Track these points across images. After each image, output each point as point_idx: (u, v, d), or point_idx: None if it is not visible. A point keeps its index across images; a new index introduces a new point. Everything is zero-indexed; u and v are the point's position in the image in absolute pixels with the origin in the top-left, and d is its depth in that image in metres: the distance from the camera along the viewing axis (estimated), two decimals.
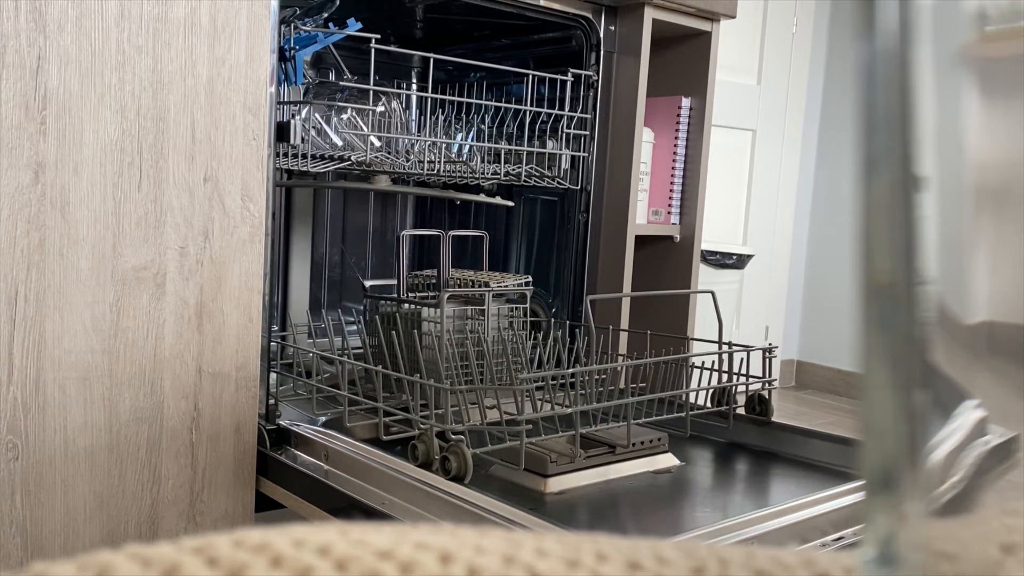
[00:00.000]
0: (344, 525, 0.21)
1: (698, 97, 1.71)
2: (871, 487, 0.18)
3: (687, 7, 1.60)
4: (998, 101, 0.20)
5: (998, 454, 0.23)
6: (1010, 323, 0.20)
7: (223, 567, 0.19)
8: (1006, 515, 0.22)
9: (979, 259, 0.20)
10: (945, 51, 0.18)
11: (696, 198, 1.72)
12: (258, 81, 1.16)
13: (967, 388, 0.20)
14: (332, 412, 1.24)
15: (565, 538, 0.22)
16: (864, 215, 0.18)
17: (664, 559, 0.21)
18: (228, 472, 1.20)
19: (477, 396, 1.08)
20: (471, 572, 0.20)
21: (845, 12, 3.16)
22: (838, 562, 0.23)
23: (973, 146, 0.19)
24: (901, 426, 0.18)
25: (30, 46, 0.98)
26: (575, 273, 1.62)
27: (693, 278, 1.74)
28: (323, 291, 1.75)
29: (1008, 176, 0.20)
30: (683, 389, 1.21)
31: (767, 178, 3.16)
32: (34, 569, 0.18)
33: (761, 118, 3.09)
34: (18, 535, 1.04)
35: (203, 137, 1.13)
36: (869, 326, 0.18)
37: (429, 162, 1.37)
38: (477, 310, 1.39)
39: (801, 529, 0.93)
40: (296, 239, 1.70)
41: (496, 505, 0.91)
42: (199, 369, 1.16)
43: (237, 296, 1.18)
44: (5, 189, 0.99)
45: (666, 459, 1.13)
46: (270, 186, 1.20)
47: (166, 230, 1.11)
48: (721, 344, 1.24)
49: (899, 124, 0.17)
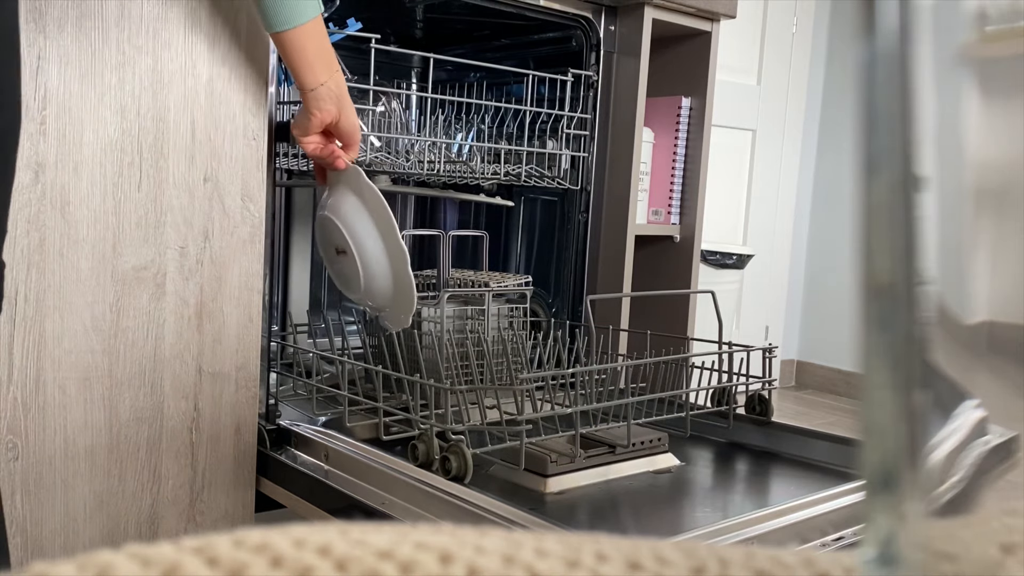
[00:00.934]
0: (344, 525, 0.21)
1: (698, 97, 1.71)
2: (871, 487, 0.18)
3: (687, 7, 1.60)
4: (998, 101, 0.20)
5: (998, 454, 0.23)
6: (1010, 323, 0.20)
7: (223, 567, 0.19)
8: (1006, 515, 0.22)
9: (979, 259, 0.20)
10: (945, 51, 0.18)
11: (696, 198, 1.72)
12: (258, 81, 1.16)
13: (967, 388, 0.20)
14: (332, 412, 1.24)
15: (565, 538, 0.22)
16: (864, 215, 0.18)
17: (664, 559, 0.21)
18: (228, 472, 1.20)
19: (477, 396, 1.08)
20: (471, 572, 0.20)
21: (845, 12, 3.16)
22: (838, 562, 0.23)
23: (973, 146, 0.20)
24: (901, 426, 0.18)
25: (30, 46, 0.98)
26: (575, 273, 1.62)
27: (693, 278, 1.74)
28: (323, 291, 1.75)
29: (1008, 176, 0.20)
30: (683, 389, 1.21)
31: (767, 178, 3.16)
32: (34, 569, 0.18)
33: (761, 118, 3.09)
34: (18, 535, 1.04)
35: (203, 137, 1.13)
36: (869, 326, 0.18)
37: (429, 162, 1.37)
38: (477, 310, 1.39)
39: (801, 529, 0.93)
40: (296, 239, 1.70)
41: (496, 505, 0.91)
42: (199, 369, 1.16)
43: (237, 296, 1.18)
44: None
45: (666, 459, 1.13)
46: (270, 186, 1.20)
47: (166, 230, 1.11)
48: (721, 344, 1.24)
49: (899, 124, 0.17)
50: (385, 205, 1.16)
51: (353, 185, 1.19)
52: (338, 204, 1.20)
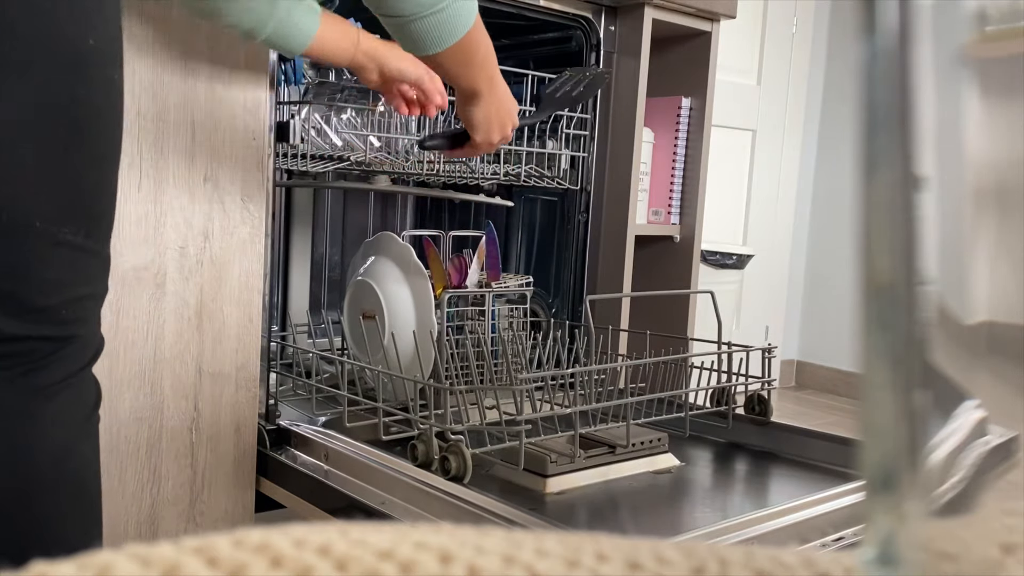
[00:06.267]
0: (344, 525, 0.21)
1: (698, 97, 1.71)
2: (871, 487, 0.18)
3: (687, 7, 1.60)
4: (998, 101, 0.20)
5: (998, 454, 0.23)
6: (1010, 323, 0.20)
7: (223, 567, 0.19)
8: (1006, 515, 0.22)
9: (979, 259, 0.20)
10: (945, 51, 0.18)
11: (696, 198, 1.72)
12: (258, 81, 1.16)
13: (967, 388, 0.20)
14: (332, 412, 1.24)
15: (565, 538, 0.22)
16: (864, 215, 0.18)
17: (664, 559, 0.21)
18: (228, 472, 1.20)
19: (477, 396, 1.08)
20: (471, 572, 0.20)
21: (845, 12, 3.16)
22: (838, 562, 0.23)
23: (973, 146, 0.20)
24: (901, 426, 0.18)
25: None
26: (575, 273, 1.62)
27: (693, 278, 1.74)
28: (323, 291, 1.75)
29: (1008, 176, 0.20)
30: (683, 389, 1.21)
31: (767, 178, 3.15)
32: (34, 569, 0.18)
33: (761, 118, 3.09)
34: None
35: (203, 137, 1.13)
36: (869, 326, 0.18)
37: (429, 162, 1.37)
38: (477, 310, 1.39)
39: (801, 529, 0.93)
40: (296, 239, 1.70)
41: (496, 505, 0.91)
42: (199, 369, 1.16)
43: (237, 296, 1.18)
44: None
45: (666, 459, 1.13)
46: (270, 186, 1.20)
47: (166, 230, 1.11)
48: (720, 344, 1.24)
49: (899, 124, 0.17)
50: (427, 280, 1.24)
51: (396, 257, 1.28)
52: (377, 271, 1.28)
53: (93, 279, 0.78)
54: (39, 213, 0.71)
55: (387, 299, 1.25)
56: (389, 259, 1.29)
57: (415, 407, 1.09)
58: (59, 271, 0.74)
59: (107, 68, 0.74)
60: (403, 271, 1.27)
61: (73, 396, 0.78)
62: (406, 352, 1.23)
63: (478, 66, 0.98)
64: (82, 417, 0.80)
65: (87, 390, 0.80)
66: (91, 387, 0.81)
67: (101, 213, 0.78)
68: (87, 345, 0.79)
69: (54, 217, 0.72)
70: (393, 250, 1.30)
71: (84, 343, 0.78)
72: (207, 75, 1.12)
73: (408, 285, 1.26)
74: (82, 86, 0.72)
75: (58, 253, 0.73)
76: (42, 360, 0.75)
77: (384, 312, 1.25)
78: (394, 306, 1.25)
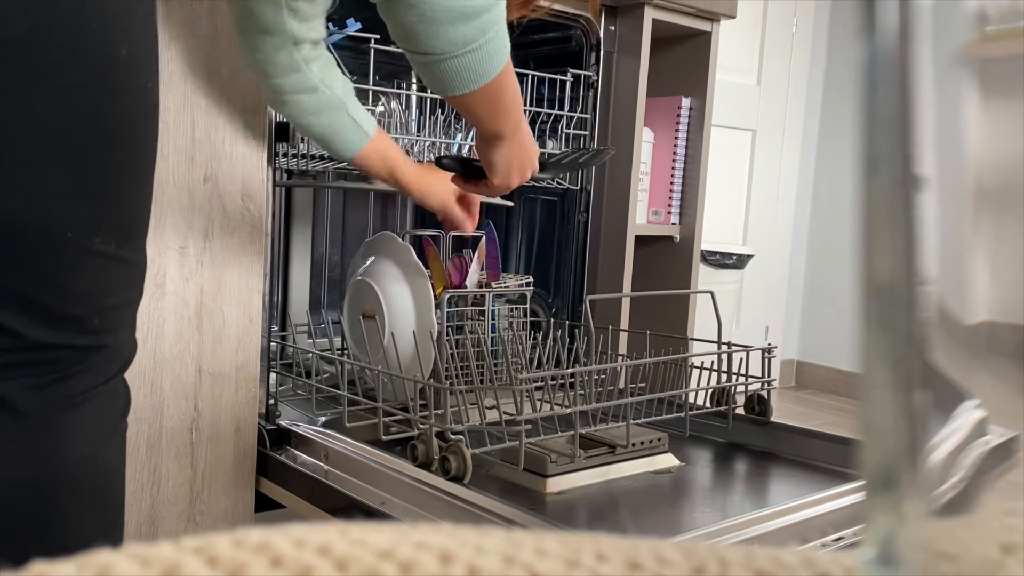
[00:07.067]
0: (344, 525, 0.21)
1: (698, 97, 1.71)
2: (871, 487, 0.18)
3: (687, 7, 1.60)
4: (998, 101, 0.20)
5: (998, 454, 0.23)
6: (1010, 323, 0.20)
7: (223, 567, 0.19)
8: (1006, 515, 0.22)
9: (979, 259, 0.20)
10: (945, 51, 0.18)
11: (696, 198, 1.72)
12: (258, 81, 1.16)
13: (967, 388, 0.20)
14: (332, 412, 1.24)
15: (565, 538, 0.22)
16: (864, 215, 0.18)
17: (664, 559, 0.21)
18: (228, 472, 1.20)
19: (476, 396, 1.08)
20: (471, 572, 0.20)
21: (845, 12, 3.16)
22: (838, 562, 0.23)
23: (973, 146, 0.20)
24: (901, 426, 0.18)
25: None
26: (575, 273, 1.62)
27: (693, 278, 1.74)
28: (323, 291, 1.75)
29: (1008, 176, 0.20)
30: (683, 389, 1.21)
31: (767, 178, 3.16)
32: (34, 569, 0.18)
33: (761, 118, 3.09)
34: None
35: (203, 137, 1.13)
36: (869, 326, 0.18)
37: (429, 162, 1.37)
38: (477, 310, 1.39)
39: (801, 529, 0.93)
40: (296, 239, 1.70)
41: (496, 505, 0.91)
42: (199, 369, 1.16)
43: (237, 296, 1.18)
44: None
45: (666, 459, 1.13)
46: (270, 186, 1.20)
47: (166, 230, 1.11)
48: (720, 344, 1.24)
49: (899, 124, 0.17)
50: (427, 280, 1.24)
51: (396, 257, 1.28)
52: (377, 271, 1.29)
53: (125, 287, 0.78)
54: (71, 223, 0.71)
55: (387, 299, 1.25)
56: (389, 259, 1.29)
57: (415, 407, 1.09)
58: (90, 281, 0.73)
59: (140, 76, 0.73)
60: (403, 271, 1.27)
61: (101, 404, 0.77)
62: (406, 352, 1.23)
63: (504, 110, 0.94)
64: (109, 425, 0.79)
65: (116, 398, 0.80)
66: (120, 395, 0.80)
67: (133, 221, 0.77)
68: (117, 354, 0.78)
69: (86, 227, 0.71)
70: (393, 250, 1.30)
71: (114, 352, 0.78)
72: (207, 75, 1.12)
73: (408, 285, 1.26)
74: (113, 95, 0.71)
75: (90, 263, 0.73)
76: (71, 368, 0.74)
77: (384, 312, 1.25)
78: (394, 306, 1.25)
